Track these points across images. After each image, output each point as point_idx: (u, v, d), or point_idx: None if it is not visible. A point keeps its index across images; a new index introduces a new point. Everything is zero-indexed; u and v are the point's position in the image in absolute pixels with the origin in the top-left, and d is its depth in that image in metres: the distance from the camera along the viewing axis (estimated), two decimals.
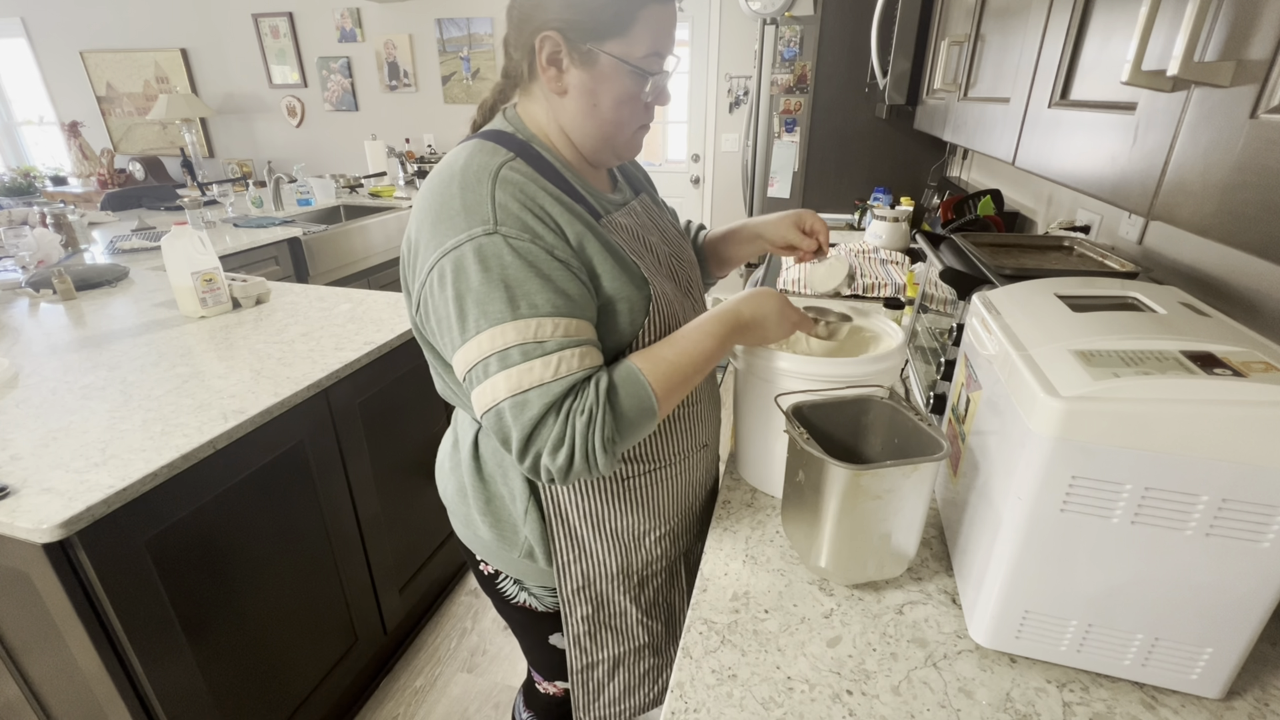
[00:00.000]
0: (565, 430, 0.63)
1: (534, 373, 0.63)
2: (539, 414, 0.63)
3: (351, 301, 1.73)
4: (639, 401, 0.67)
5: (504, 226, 0.63)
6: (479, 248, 0.63)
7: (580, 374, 0.64)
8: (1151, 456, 0.50)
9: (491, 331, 0.63)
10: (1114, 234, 1.14)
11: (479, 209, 0.64)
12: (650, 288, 0.73)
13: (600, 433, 0.64)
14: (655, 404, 0.68)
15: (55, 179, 4.41)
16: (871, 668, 0.63)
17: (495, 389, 0.63)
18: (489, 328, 0.63)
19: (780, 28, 2.58)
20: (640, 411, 0.67)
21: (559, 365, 0.63)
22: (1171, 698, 0.59)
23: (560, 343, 0.64)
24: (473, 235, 0.63)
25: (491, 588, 0.91)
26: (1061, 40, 0.76)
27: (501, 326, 0.63)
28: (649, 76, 0.70)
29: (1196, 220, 0.48)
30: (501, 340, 0.63)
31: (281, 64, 4.33)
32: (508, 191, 0.65)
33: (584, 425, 0.63)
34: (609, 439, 0.64)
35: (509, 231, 0.63)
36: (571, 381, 0.64)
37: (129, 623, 0.97)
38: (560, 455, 0.63)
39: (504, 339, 0.63)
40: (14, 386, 1.24)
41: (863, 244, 2.10)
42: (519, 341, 0.63)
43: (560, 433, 0.63)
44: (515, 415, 0.63)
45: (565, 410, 0.63)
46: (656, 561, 0.88)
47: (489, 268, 0.63)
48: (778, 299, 0.79)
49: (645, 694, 0.95)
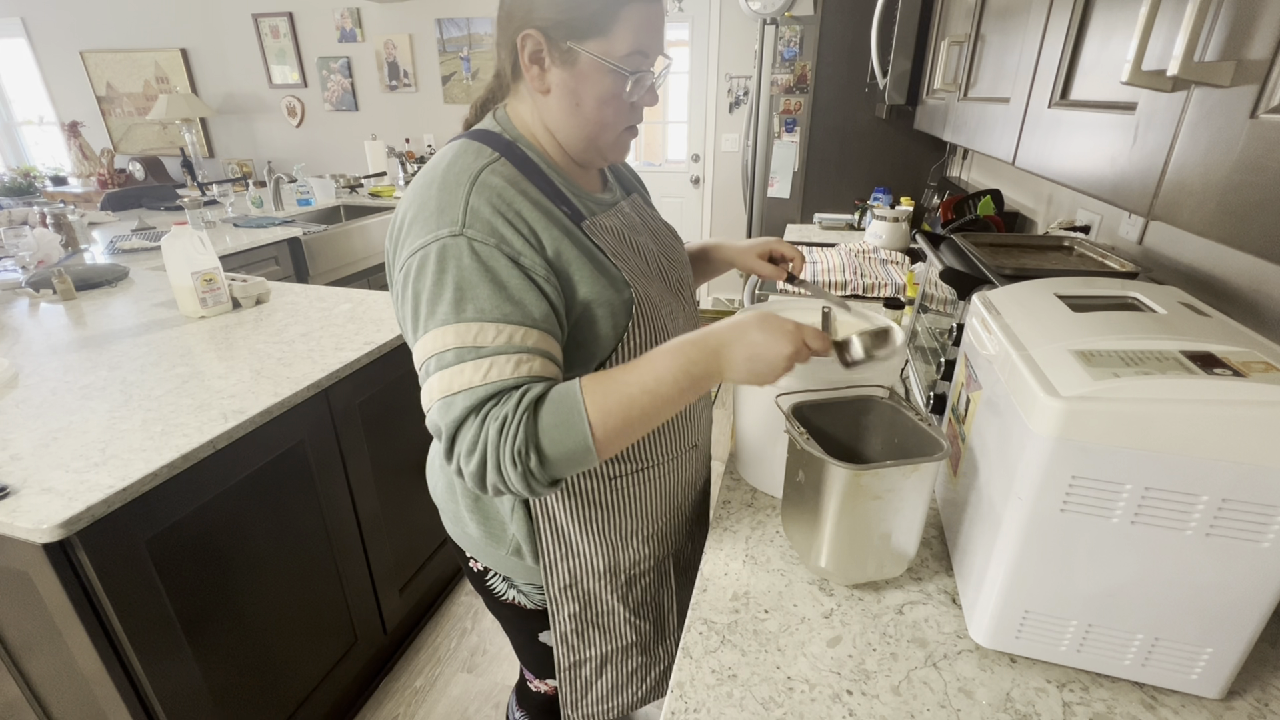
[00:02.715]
0: (479, 435, 0.61)
1: (463, 376, 0.62)
2: (460, 416, 0.62)
3: (351, 301, 1.73)
4: (566, 423, 0.61)
5: (470, 229, 0.64)
6: (442, 249, 0.63)
7: (510, 381, 0.62)
8: (1151, 456, 0.50)
9: (435, 333, 0.63)
10: (1114, 234, 1.14)
11: (450, 211, 0.64)
12: (631, 290, 0.72)
13: (511, 444, 0.60)
14: (587, 429, 0.61)
15: (55, 179, 4.41)
16: (871, 668, 0.63)
17: (431, 390, 0.63)
18: (434, 329, 0.63)
19: (780, 28, 2.58)
20: (566, 434, 0.61)
21: (489, 370, 0.62)
22: (1171, 698, 0.59)
23: (498, 348, 0.62)
24: (439, 236, 0.64)
25: (481, 585, 0.91)
26: (1061, 40, 0.76)
27: (443, 329, 0.63)
28: (631, 76, 0.69)
29: (1196, 220, 0.48)
30: (441, 342, 0.63)
31: (281, 64, 4.33)
32: (483, 196, 0.65)
33: (496, 433, 0.60)
34: (519, 452, 0.60)
35: (474, 234, 0.64)
36: (499, 387, 0.62)
37: (129, 623, 0.97)
38: (473, 461, 0.62)
39: (443, 341, 0.63)
40: (14, 386, 1.24)
41: (863, 244, 2.10)
42: (457, 345, 0.62)
43: (474, 437, 0.61)
44: (442, 416, 0.63)
45: (483, 415, 0.61)
46: (644, 561, 0.88)
47: (445, 269, 0.63)
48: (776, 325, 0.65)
49: (633, 692, 0.95)
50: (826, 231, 2.62)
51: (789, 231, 2.64)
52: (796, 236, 2.50)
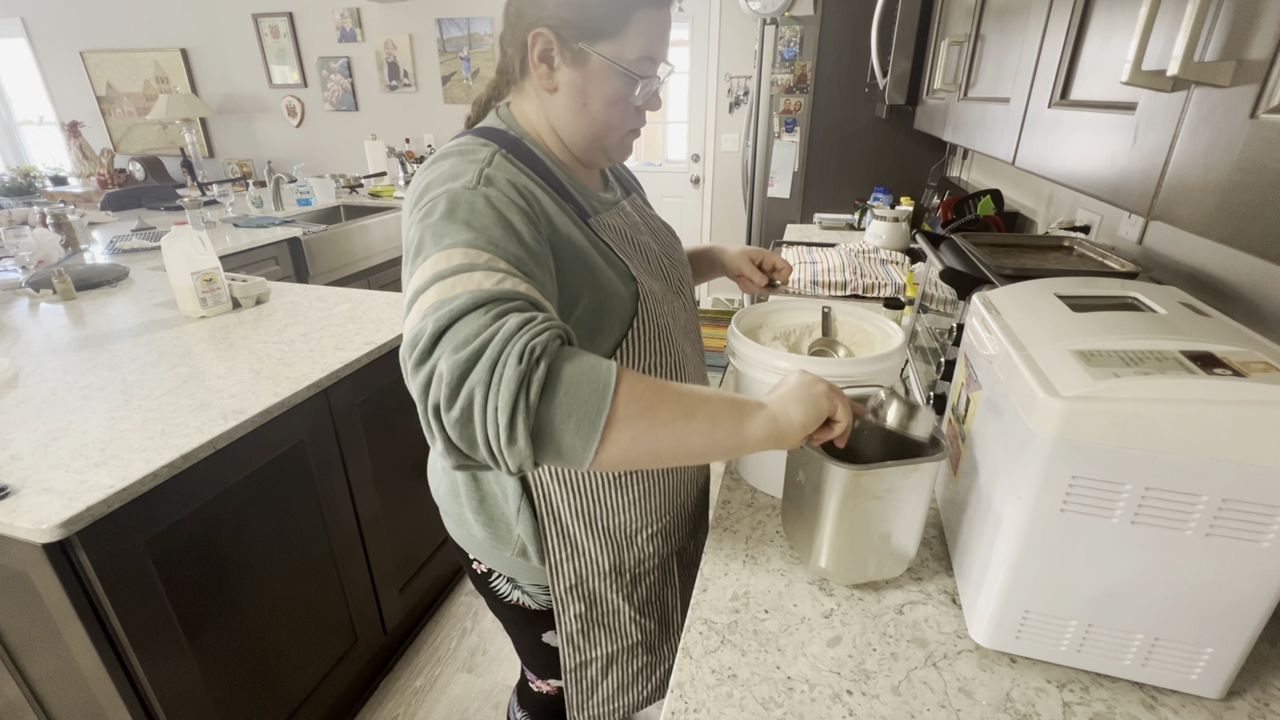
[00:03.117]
0: (488, 327, 0.49)
1: (472, 280, 0.52)
2: (461, 308, 0.50)
3: (351, 301, 1.73)
4: (591, 370, 0.51)
5: (486, 188, 0.61)
6: (452, 194, 0.60)
7: (528, 296, 0.53)
8: (1151, 456, 0.50)
9: (440, 254, 0.55)
10: (1114, 234, 1.14)
11: (465, 174, 0.63)
12: (637, 285, 0.73)
13: (526, 338, 0.48)
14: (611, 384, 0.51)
15: (55, 179, 4.41)
16: (871, 668, 0.63)
17: (424, 303, 0.52)
18: (438, 251, 0.55)
19: (780, 28, 2.58)
20: (588, 376, 0.50)
21: (502, 280, 0.53)
22: (1171, 698, 0.59)
23: (510, 271, 0.55)
24: (449, 189, 0.61)
25: (485, 586, 0.91)
26: (1061, 40, 0.76)
27: (450, 250, 0.54)
28: (639, 80, 0.70)
29: (1196, 220, 0.48)
30: (447, 262, 0.53)
31: (281, 64, 4.33)
32: (500, 171, 0.65)
33: (515, 325, 0.49)
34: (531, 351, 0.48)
35: (490, 192, 0.61)
36: (515, 295, 0.52)
37: (129, 623, 0.97)
38: (463, 354, 0.48)
39: (449, 261, 0.54)
40: (14, 386, 1.24)
41: (863, 244, 2.10)
42: (465, 261, 0.54)
43: (479, 327, 0.49)
44: (434, 314, 0.50)
45: (497, 311, 0.50)
46: (649, 559, 0.88)
47: (455, 209, 0.58)
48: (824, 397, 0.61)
49: (639, 692, 0.95)
50: (826, 231, 2.62)
51: (789, 231, 2.64)
52: (796, 236, 2.50)
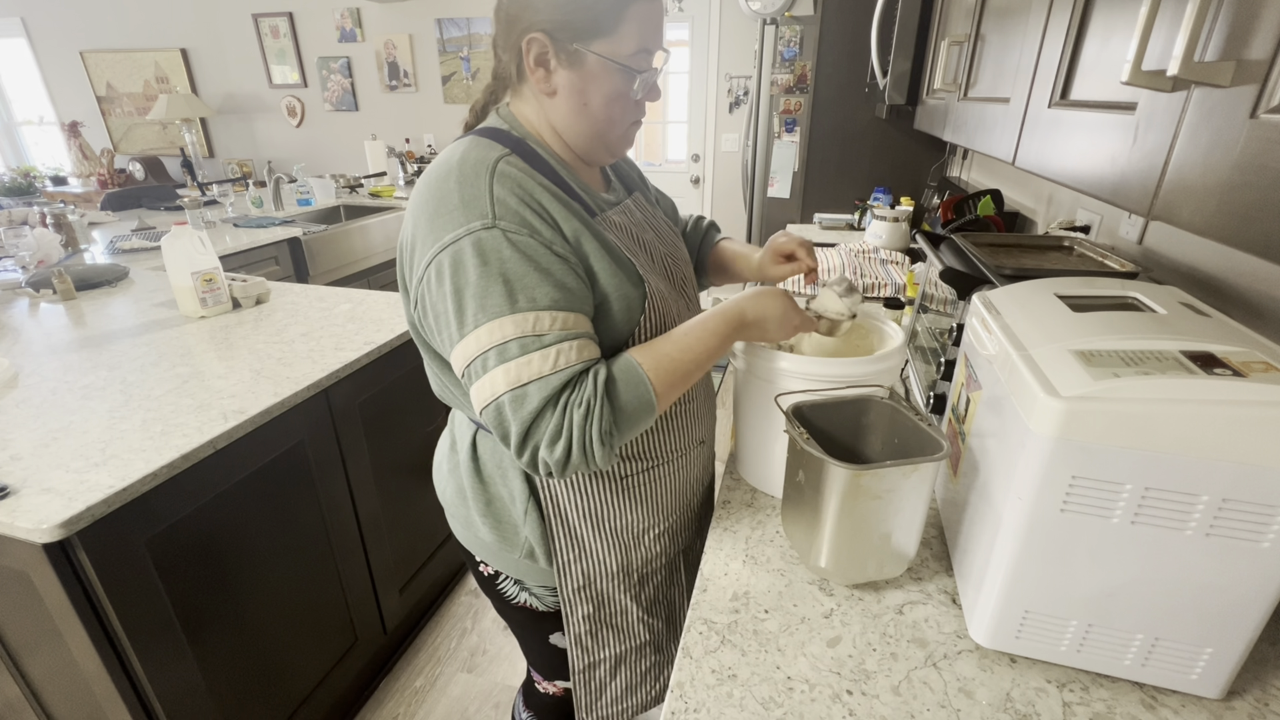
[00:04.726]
0: (563, 423, 0.63)
1: (532, 366, 0.62)
2: (537, 407, 0.63)
3: (351, 301, 1.73)
4: (637, 395, 0.67)
5: (502, 221, 0.63)
6: (478, 242, 0.63)
7: (579, 366, 0.64)
8: (1151, 456, 0.50)
9: (490, 325, 0.63)
10: (1114, 234, 1.14)
11: (477, 203, 0.64)
12: (646, 285, 0.73)
13: (598, 425, 0.63)
14: (654, 398, 0.68)
15: (55, 179, 4.41)
16: (871, 668, 0.63)
17: (494, 383, 0.63)
18: (487, 321, 0.63)
19: (780, 28, 2.58)
20: (638, 405, 0.67)
21: (557, 358, 0.63)
22: (1171, 698, 0.59)
23: (559, 335, 0.64)
24: (471, 229, 0.63)
25: (492, 588, 0.91)
26: (1061, 40, 0.76)
27: (500, 320, 0.62)
28: (638, 74, 0.70)
29: (1196, 220, 0.48)
30: (500, 334, 0.62)
31: (281, 64, 4.33)
32: (505, 186, 0.65)
33: (581, 418, 0.63)
34: (606, 432, 0.64)
35: (507, 226, 0.63)
36: (570, 374, 0.64)
37: (129, 623, 0.97)
38: (558, 448, 0.63)
39: (502, 333, 0.62)
40: (14, 386, 1.24)
41: (863, 244, 2.10)
42: (517, 335, 0.62)
43: (558, 425, 0.63)
44: (514, 409, 0.63)
45: (563, 403, 0.63)
46: (656, 559, 0.88)
47: (487, 262, 0.63)
48: (782, 299, 0.78)
49: (647, 692, 0.95)
50: (826, 231, 2.62)
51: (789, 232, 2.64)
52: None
